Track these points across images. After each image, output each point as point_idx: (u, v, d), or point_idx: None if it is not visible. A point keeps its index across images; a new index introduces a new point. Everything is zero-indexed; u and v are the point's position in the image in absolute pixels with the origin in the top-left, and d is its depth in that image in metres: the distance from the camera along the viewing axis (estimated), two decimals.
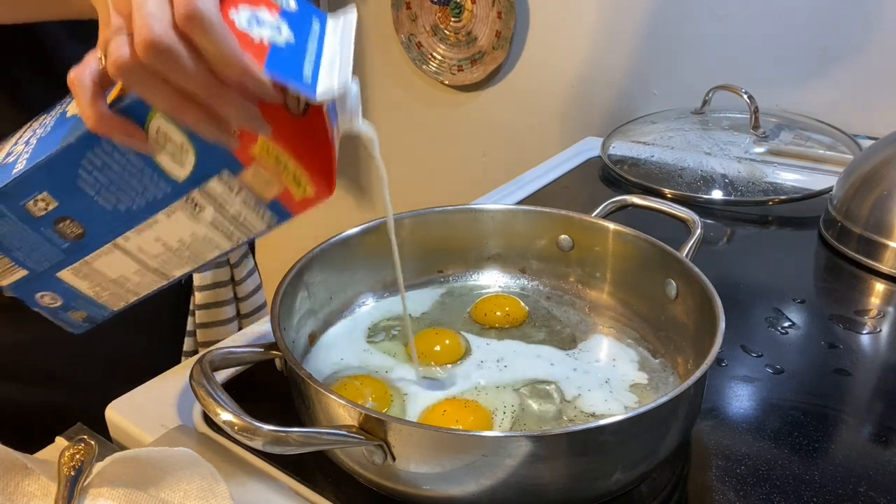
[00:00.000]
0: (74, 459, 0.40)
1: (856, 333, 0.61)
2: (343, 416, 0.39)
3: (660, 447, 0.41)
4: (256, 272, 0.77)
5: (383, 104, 1.51)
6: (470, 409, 0.46)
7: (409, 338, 0.52)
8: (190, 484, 0.40)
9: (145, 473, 0.40)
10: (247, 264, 0.74)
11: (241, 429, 0.36)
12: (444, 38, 1.32)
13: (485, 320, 0.57)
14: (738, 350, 0.58)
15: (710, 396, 0.52)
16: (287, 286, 0.49)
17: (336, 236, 0.56)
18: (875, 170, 0.73)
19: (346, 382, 0.49)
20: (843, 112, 0.99)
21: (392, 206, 0.50)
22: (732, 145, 0.93)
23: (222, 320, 0.72)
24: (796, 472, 0.45)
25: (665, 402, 0.38)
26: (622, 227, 0.57)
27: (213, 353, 0.43)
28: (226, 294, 0.72)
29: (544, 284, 0.62)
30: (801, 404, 0.52)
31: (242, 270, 0.73)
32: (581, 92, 1.23)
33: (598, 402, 0.48)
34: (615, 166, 0.95)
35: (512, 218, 0.62)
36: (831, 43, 0.98)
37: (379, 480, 0.41)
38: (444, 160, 1.48)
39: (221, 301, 0.72)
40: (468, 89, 1.36)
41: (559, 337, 0.56)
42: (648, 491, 0.44)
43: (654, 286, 0.55)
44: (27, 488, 0.40)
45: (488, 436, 0.39)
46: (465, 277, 0.63)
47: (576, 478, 0.39)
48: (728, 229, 0.82)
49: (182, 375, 0.53)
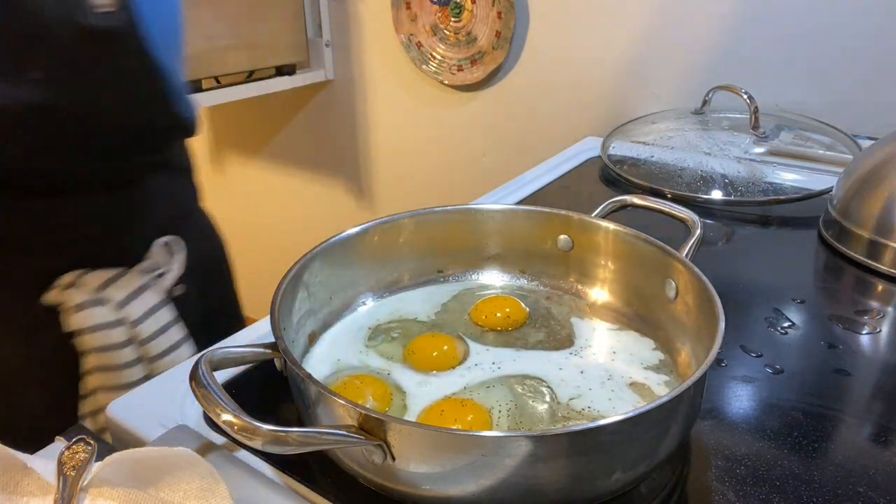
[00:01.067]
0: (74, 459, 0.40)
1: (855, 333, 0.61)
2: (343, 415, 0.39)
3: (659, 447, 0.41)
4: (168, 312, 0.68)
5: (383, 104, 1.51)
6: (467, 408, 0.47)
7: None
8: (190, 484, 0.40)
9: (145, 473, 0.40)
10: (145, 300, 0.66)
11: (241, 429, 0.36)
12: (444, 38, 1.32)
13: (485, 322, 0.57)
14: (738, 350, 0.58)
15: (710, 396, 0.52)
16: (287, 286, 0.49)
17: (336, 236, 0.56)
18: (875, 170, 0.73)
19: (347, 381, 0.49)
20: (843, 112, 0.99)
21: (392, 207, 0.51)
22: (732, 145, 0.93)
23: (120, 364, 0.65)
24: (796, 472, 0.45)
25: (665, 402, 0.38)
26: (622, 228, 0.57)
27: (213, 353, 0.43)
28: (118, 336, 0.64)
29: (544, 284, 0.62)
30: (801, 404, 0.52)
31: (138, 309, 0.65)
32: (581, 92, 1.23)
33: (597, 402, 0.48)
34: (615, 166, 0.95)
35: (512, 218, 0.62)
36: (831, 43, 0.98)
37: (379, 480, 0.41)
38: (444, 160, 1.48)
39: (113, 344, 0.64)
40: (468, 89, 1.36)
41: (559, 337, 0.56)
42: (648, 491, 0.44)
43: (654, 286, 0.55)
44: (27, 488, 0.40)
45: (488, 436, 0.39)
46: (465, 278, 0.63)
47: (576, 478, 0.39)
48: (728, 229, 0.82)
49: (182, 375, 0.53)
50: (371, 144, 1.57)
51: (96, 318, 0.62)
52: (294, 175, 1.75)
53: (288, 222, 1.82)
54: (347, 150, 1.62)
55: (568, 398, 0.49)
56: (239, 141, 1.81)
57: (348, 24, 1.47)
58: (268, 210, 1.85)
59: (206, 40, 1.28)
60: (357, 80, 1.51)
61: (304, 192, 1.75)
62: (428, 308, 0.59)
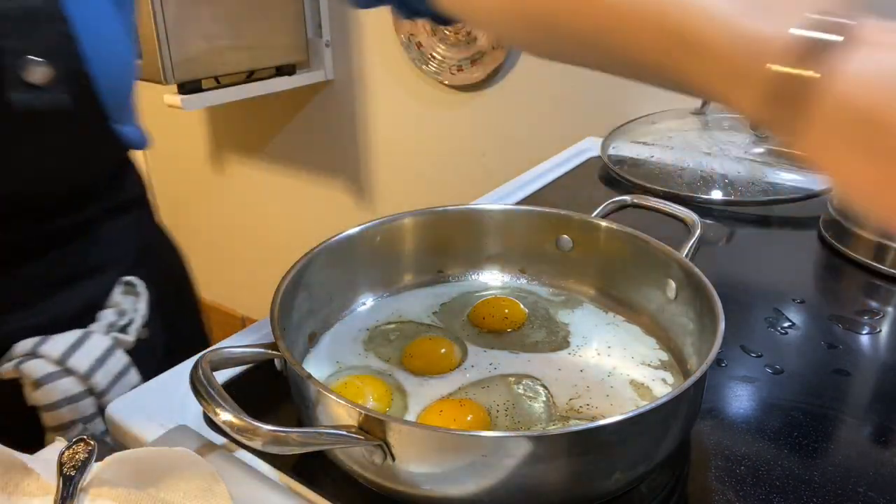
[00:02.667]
0: (74, 459, 0.40)
1: (855, 333, 0.61)
2: (342, 416, 0.39)
3: (659, 447, 0.41)
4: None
5: (383, 104, 1.51)
6: (466, 408, 0.47)
7: None
8: (189, 484, 0.40)
9: (145, 473, 0.40)
10: None
11: (241, 429, 0.36)
12: (443, 38, 1.32)
13: (483, 324, 0.57)
14: (738, 350, 0.58)
15: (710, 396, 0.52)
16: (287, 286, 0.49)
17: (336, 236, 0.56)
18: None
19: (348, 381, 0.49)
20: None
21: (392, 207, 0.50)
22: (732, 145, 0.93)
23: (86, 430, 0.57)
24: (796, 473, 0.45)
25: (665, 402, 0.38)
26: (622, 227, 0.57)
27: (213, 353, 0.43)
28: None
29: (544, 284, 0.62)
30: (801, 404, 0.52)
31: None
32: (581, 92, 1.23)
33: (597, 402, 0.48)
34: (615, 166, 0.95)
35: (512, 218, 0.62)
36: None
37: (378, 480, 0.41)
38: (444, 160, 1.48)
39: None
40: (468, 89, 1.36)
41: (558, 337, 0.56)
42: (648, 491, 0.44)
43: (654, 286, 0.55)
44: (27, 488, 0.40)
45: (488, 436, 0.39)
46: (465, 277, 0.63)
47: (575, 478, 0.39)
48: (728, 229, 0.82)
49: (182, 375, 0.53)
50: (371, 144, 1.57)
51: (64, 390, 0.55)
52: (294, 175, 1.75)
53: (288, 222, 1.82)
54: (347, 150, 1.62)
55: (567, 398, 0.49)
56: (239, 141, 1.81)
57: (348, 24, 1.47)
58: (268, 210, 1.85)
59: (206, 40, 1.28)
60: (357, 80, 1.51)
61: (304, 192, 1.75)
62: (427, 308, 0.59)
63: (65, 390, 0.55)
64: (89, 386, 0.56)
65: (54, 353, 0.54)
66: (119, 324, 0.60)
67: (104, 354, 0.57)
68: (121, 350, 0.58)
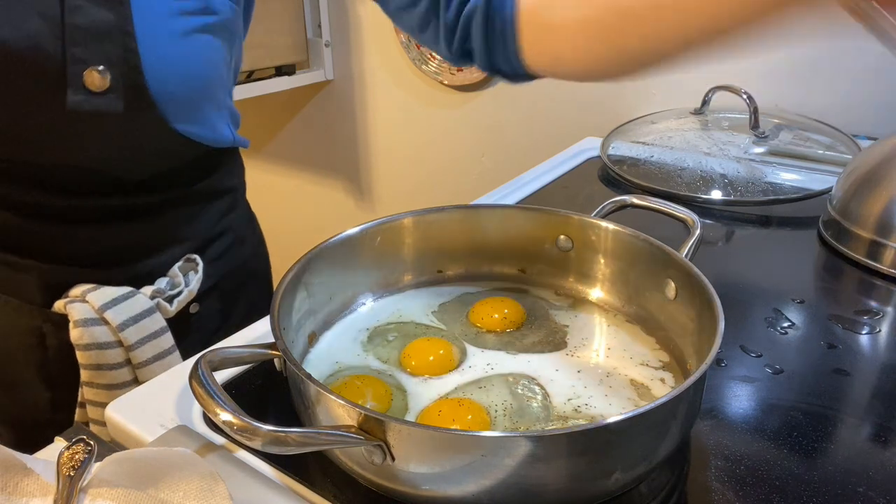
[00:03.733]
0: (74, 459, 0.40)
1: (855, 333, 0.61)
2: (342, 416, 0.39)
3: (659, 447, 0.41)
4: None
5: (383, 104, 1.51)
6: (465, 408, 0.47)
7: None
8: (189, 484, 0.40)
9: (145, 473, 0.40)
10: None
11: (241, 429, 0.36)
12: None
13: (482, 324, 0.57)
14: (738, 350, 0.58)
15: (710, 396, 0.52)
16: (287, 286, 0.49)
17: (336, 236, 0.56)
18: (875, 170, 0.73)
19: (347, 382, 0.49)
20: (843, 112, 0.99)
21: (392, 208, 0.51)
22: (732, 145, 0.93)
23: (112, 384, 0.64)
24: (796, 472, 0.45)
25: (665, 402, 0.38)
26: (621, 228, 0.57)
27: (213, 353, 0.43)
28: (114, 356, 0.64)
29: (544, 284, 0.62)
30: (801, 404, 0.52)
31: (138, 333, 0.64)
32: (581, 92, 1.23)
33: (596, 402, 0.48)
34: (615, 166, 0.95)
35: (512, 218, 0.62)
36: (831, 43, 0.98)
37: (378, 480, 0.41)
38: (444, 160, 1.48)
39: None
40: (468, 89, 1.36)
41: (557, 337, 0.56)
42: (648, 491, 0.44)
43: (654, 286, 0.55)
44: (27, 488, 0.40)
45: (488, 436, 0.39)
46: (465, 278, 0.63)
47: (575, 478, 0.39)
48: (727, 229, 0.82)
49: (182, 375, 0.53)
50: (371, 144, 1.57)
51: (95, 336, 0.62)
52: (294, 175, 1.75)
53: (288, 222, 1.82)
54: (347, 150, 1.62)
55: (566, 398, 0.49)
56: None
57: (348, 24, 1.47)
58: (268, 210, 1.85)
59: None
60: (357, 80, 1.51)
61: (304, 192, 1.75)
62: (427, 309, 0.59)
63: (96, 336, 0.62)
64: (119, 338, 0.63)
65: (97, 303, 0.62)
66: (169, 293, 0.66)
67: (141, 314, 0.63)
68: (158, 314, 0.65)
